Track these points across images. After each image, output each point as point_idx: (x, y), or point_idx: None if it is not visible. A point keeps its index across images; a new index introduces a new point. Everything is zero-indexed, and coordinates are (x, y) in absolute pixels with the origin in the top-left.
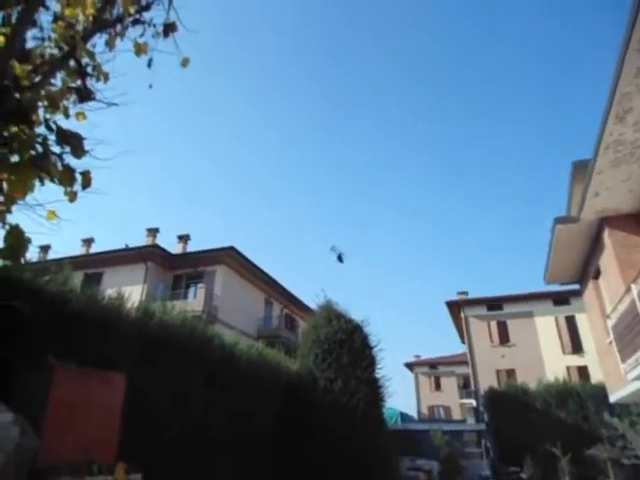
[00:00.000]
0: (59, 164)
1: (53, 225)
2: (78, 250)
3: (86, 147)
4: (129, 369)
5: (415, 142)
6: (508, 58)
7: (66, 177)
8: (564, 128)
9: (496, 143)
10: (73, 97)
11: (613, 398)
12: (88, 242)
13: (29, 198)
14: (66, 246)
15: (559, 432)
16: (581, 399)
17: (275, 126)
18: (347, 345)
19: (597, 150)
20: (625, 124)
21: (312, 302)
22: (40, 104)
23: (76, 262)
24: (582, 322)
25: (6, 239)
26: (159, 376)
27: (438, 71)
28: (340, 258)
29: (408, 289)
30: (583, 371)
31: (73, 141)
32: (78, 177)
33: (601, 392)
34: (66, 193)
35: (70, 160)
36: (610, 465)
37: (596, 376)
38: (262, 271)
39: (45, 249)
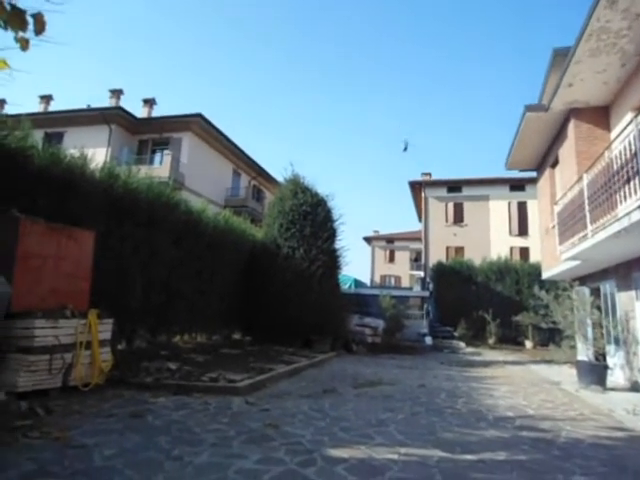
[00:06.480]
0: (7, 5)
1: (5, 76)
2: (36, 107)
3: None
4: (97, 228)
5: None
6: None
7: (15, 20)
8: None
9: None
10: None
11: (545, 275)
12: (47, 99)
13: None
14: (22, 101)
15: (493, 302)
16: (518, 275)
17: None
18: (311, 217)
19: (581, 36)
20: (615, 10)
21: (280, 175)
22: None
23: (35, 119)
24: (532, 208)
25: None
26: (127, 236)
27: None
28: (406, 148)
29: (375, 168)
30: (524, 252)
31: None
32: (30, 21)
33: (536, 270)
34: (17, 40)
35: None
36: (531, 329)
37: (535, 257)
38: (230, 141)
39: None
